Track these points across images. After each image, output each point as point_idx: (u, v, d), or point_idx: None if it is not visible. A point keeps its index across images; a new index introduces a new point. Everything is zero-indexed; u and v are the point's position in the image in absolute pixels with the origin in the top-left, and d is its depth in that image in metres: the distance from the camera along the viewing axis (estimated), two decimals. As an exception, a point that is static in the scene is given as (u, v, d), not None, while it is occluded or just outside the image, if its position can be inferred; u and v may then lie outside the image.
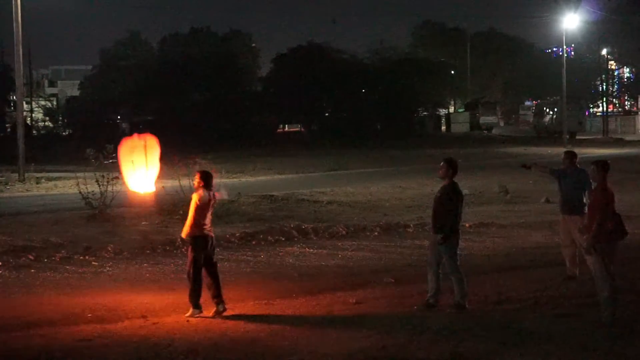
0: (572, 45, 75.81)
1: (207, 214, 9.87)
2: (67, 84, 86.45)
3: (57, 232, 16.47)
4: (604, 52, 75.56)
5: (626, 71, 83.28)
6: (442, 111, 76.76)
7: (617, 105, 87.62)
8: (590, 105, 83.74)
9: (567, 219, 11.58)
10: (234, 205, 20.14)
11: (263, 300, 10.73)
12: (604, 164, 9.14)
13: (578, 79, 71.25)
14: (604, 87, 78.11)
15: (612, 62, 79.64)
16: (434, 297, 9.85)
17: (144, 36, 73.86)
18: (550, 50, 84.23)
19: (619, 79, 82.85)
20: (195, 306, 9.81)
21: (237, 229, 16.69)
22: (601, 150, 44.68)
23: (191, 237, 9.88)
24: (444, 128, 72.36)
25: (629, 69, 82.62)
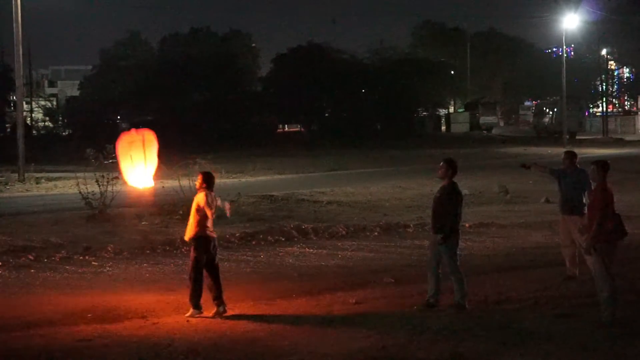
0: (572, 45, 75.90)
1: (209, 215, 9.88)
2: (67, 84, 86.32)
3: (57, 232, 16.47)
4: (604, 52, 75.66)
5: (626, 71, 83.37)
6: (442, 111, 76.73)
7: (616, 105, 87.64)
8: (590, 106, 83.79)
9: (566, 219, 11.58)
10: (234, 206, 20.12)
11: (263, 300, 10.73)
12: (604, 164, 9.15)
13: (578, 79, 71.34)
14: (604, 87, 78.17)
15: (612, 62, 79.74)
16: (434, 297, 9.85)
17: (144, 36, 73.89)
18: (550, 50, 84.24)
19: (618, 79, 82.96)
20: (195, 306, 9.80)
21: (237, 229, 16.69)
22: (601, 150, 44.70)
23: (194, 237, 9.88)
24: (443, 128, 72.34)
25: (629, 69, 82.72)
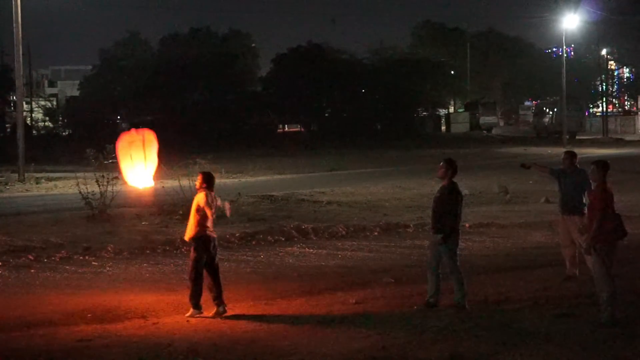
0: (572, 46, 75.92)
1: (209, 215, 9.87)
2: (67, 84, 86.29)
3: (57, 232, 16.47)
4: (604, 52, 75.63)
5: (626, 71, 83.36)
6: (442, 111, 76.68)
7: (616, 105, 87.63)
8: (590, 106, 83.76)
9: (566, 219, 11.58)
10: (234, 206, 20.12)
11: (263, 300, 10.73)
12: (604, 164, 9.15)
13: (578, 79, 71.33)
14: (604, 87, 78.14)
15: (612, 62, 79.71)
16: (434, 297, 9.85)
17: (143, 36, 73.90)
18: (550, 51, 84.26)
19: (618, 79, 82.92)
20: (195, 306, 9.80)
21: (237, 229, 16.69)
22: (601, 150, 44.68)
23: (194, 237, 9.88)
24: (443, 128, 72.28)
25: (629, 69, 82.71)
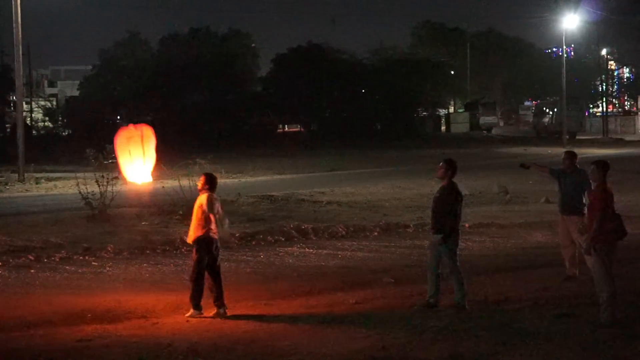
0: (572, 46, 75.94)
1: (212, 217, 9.85)
2: (66, 84, 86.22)
3: (57, 232, 16.46)
4: (604, 52, 75.64)
5: (626, 71, 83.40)
6: (442, 111, 76.67)
7: (616, 105, 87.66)
8: (590, 106, 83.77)
9: (566, 219, 11.57)
10: (234, 206, 20.13)
11: (263, 301, 10.73)
12: (604, 164, 9.15)
13: (578, 79, 71.32)
14: (604, 87, 78.15)
15: (611, 62, 79.72)
16: (434, 297, 9.85)
17: (143, 36, 73.80)
18: (550, 51, 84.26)
19: (618, 79, 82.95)
20: (195, 307, 9.80)
21: (236, 229, 16.67)
22: (601, 151, 44.69)
23: (197, 238, 9.88)
24: (443, 128, 72.28)
25: (629, 69, 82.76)
